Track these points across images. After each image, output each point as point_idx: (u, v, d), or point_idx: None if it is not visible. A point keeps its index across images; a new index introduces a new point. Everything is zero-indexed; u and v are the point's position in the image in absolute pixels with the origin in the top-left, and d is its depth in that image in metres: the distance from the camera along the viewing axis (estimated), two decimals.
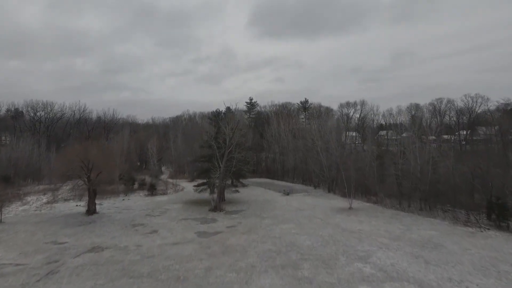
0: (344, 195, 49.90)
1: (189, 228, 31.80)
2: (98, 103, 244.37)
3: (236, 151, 41.16)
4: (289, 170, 71.14)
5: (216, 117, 44.53)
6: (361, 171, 49.78)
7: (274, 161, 74.09)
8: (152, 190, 52.15)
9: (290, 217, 36.14)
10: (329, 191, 53.55)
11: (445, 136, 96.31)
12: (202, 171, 45.81)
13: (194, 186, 45.28)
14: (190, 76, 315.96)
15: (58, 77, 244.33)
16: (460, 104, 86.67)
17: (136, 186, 58.31)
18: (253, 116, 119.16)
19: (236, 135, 39.96)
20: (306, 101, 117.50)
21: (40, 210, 40.82)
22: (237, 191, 45.38)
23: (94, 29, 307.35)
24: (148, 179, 71.60)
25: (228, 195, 45.90)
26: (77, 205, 42.91)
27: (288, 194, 51.01)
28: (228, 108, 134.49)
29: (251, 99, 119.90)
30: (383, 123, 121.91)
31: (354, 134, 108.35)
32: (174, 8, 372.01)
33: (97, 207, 40.62)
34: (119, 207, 42.56)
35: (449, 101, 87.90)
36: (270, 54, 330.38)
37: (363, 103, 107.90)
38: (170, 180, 70.24)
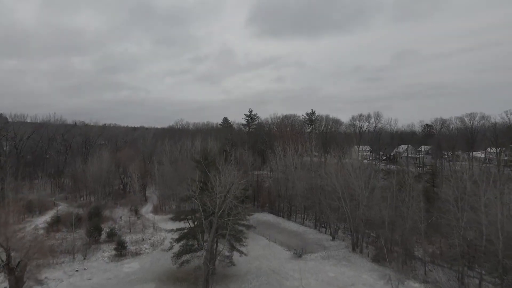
0: (376, 258, 37.38)
1: None
2: (97, 102, 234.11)
3: (230, 214, 28.46)
4: (298, 199, 58.30)
5: (203, 162, 31.65)
6: (399, 226, 37.31)
7: (279, 194, 61.19)
8: (121, 249, 39.37)
9: None
10: (353, 249, 40.85)
11: (478, 154, 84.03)
12: (183, 235, 33.14)
13: (174, 255, 32.50)
14: (189, 75, 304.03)
15: (55, 77, 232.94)
16: (499, 120, 74.66)
17: (103, 236, 45.51)
18: (253, 129, 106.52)
19: (229, 198, 27.26)
20: (313, 112, 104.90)
21: None
22: (233, 264, 32.78)
23: (91, 28, 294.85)
24: (124, 216, 59.14)
25: (221, 267, 33.43)
26: None
27: (300, 256, 38.45)
28: (225, 120, 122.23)
29: (250, 112, 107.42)
30: (391, 130, 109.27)
31: (367, 149, 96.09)
32: (172, 6, 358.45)
33: None
34: None
35: (483, 117, 75.56)
36: (270, 53, 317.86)
37: (377, 115, 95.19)
38: (151, 218, 57.57)
